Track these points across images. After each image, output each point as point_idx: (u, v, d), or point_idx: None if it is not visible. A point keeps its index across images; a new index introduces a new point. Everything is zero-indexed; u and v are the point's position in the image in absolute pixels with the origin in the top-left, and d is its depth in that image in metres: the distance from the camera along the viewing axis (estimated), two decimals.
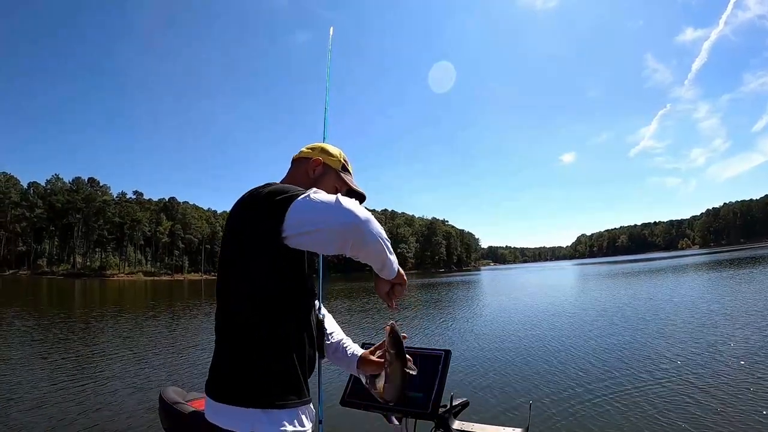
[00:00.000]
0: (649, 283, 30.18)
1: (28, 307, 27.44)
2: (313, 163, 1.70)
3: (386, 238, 1.33)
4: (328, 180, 1.72)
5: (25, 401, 7.56)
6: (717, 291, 21.18)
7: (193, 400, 1.81)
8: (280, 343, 1.42)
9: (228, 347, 1.44)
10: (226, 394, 1.39)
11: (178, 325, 18.86)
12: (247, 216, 1.40)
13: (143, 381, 8.94)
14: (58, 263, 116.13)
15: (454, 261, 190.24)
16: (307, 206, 1.27)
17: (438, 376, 1.97)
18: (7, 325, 18.47)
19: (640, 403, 6.40)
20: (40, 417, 6.75)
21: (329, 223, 1.24)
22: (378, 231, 1.28)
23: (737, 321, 12.21)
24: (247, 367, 1.39)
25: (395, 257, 1.44)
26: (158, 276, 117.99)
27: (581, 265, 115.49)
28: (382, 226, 1.31)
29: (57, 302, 33.70)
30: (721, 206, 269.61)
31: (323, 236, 1.26)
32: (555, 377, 8.11)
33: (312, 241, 1.28)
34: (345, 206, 1.24)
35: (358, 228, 1.25)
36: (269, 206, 1.32)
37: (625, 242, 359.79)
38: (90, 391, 8.17)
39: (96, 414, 6.87)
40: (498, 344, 11.58)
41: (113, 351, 12.37)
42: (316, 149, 1.77)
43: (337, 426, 5.40)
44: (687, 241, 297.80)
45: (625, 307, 17.29)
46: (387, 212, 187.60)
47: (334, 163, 1.74)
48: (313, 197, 1.27)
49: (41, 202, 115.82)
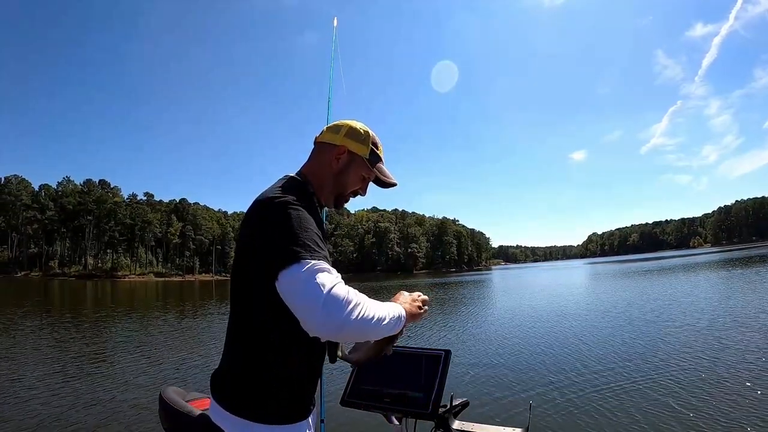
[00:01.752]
0: (657, 282, 29.70)
1: (36, 307, 27.54)
2: (337, 152, 1.58)
3: (377, 318, 1.27)
4: (354, 170, 1.60)
5: (26, 400, 7.56)
6: (727, 290, 20.68)
7: (193, 400, 1.78)
8: (290, 349, 1.39)
9: (236, 352, 1.42)
10: (232, 402, 1.37)
11: (183, 325, 18.81)
12: (250, 238, 1.37)
13: (144, 380, 8.91)
14: (70, 265, 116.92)
15: (465, 260, 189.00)
16: (296, 288, 1.21)
17: (438, 376, 1.94)
18: (14, 324, 18.53)
19: (642, 404, 6.37)
20: (40, 416, 6.75)
21: (309, 321, 1.18)
22: (364, 322, 1.22)
23: (746, 323, 11.87)
24: (254, 375, 1.38)
25: (394, 312, 1.38)
26: (169, 277, 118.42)
27: (592, 264, 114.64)
28: (373, 306, 1.27)
29: (65, 303, 33.77)
30: (733, 204, 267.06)
31: (304, 325, 1.20)
32: (555, 377, 8.08)
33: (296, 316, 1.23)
34: (328, 309, 1.16)
35: (336, 335, 1.21)
36: (267, 251, 1.29)
37: (637, 241, 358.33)
38: (89, 391, 8.16)
39: (95, 413, 6.85)
40: (498, 344, 11.56)
41: (115, 350, 12.42)
42: (340, 131, 1.60)
43: (337, 426, 5.42)
44: (699, 239, 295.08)
45: (630, 307, 17.03)
46: (398, 212, 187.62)
47: (361, 150, 1.59)
48: (304, 277, 1.20)
49: (53, 204, 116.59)
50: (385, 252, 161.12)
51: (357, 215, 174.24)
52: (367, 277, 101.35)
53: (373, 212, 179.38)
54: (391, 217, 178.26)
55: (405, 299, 1.54)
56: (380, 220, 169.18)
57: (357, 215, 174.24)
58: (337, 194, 1.63)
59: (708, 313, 14.02)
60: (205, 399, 1.76)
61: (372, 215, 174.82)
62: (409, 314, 1.46)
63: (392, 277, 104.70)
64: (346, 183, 1.61)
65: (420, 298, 1.60)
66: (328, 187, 1.60)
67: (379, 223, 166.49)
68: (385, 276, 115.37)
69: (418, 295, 1.61)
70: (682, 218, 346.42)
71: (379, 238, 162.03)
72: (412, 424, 2.05)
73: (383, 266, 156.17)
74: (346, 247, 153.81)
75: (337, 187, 1.61)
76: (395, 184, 1.69)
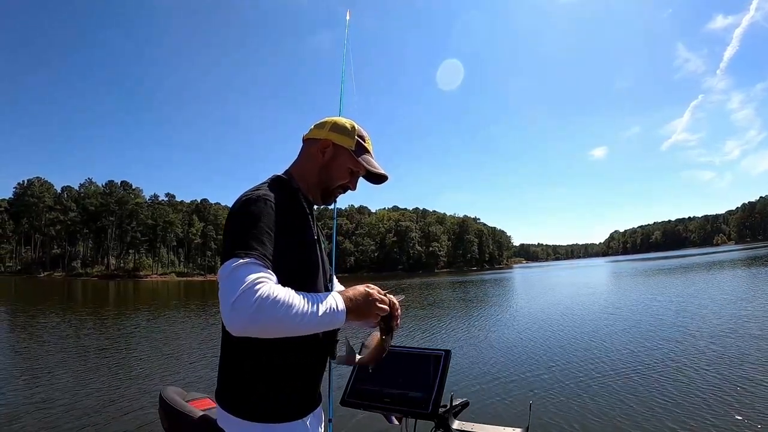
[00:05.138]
0: (674, 281, 28.94)
1: (52, 306, 27.57)
2: (322, 145, 1.57)
3: (300, 314, 1.19)
4: (340, 163, 1.58)
5: (25, 399, 7.52)
6: (749, 291, 19.49)
7: (193, 400, 1.79)
8: (288, 349, 1.38)
9: (235, 353, 1.41)
10: (235, 403, 1.37)
11: (196, 324, 18.70)
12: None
13: (144, 380, 8.86)
14: (92, 265, 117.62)
15: (486, 259, 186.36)
16: (220, 284, 1.19)
17: (438, 376, 1.96)
18: (28, 322, 18.90)
19: (642, 405, 6.32)
20: (39, 414, 6.70)
21: (223, 316, 1.16)
22: (278, 320, 1.16)
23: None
24: (228, 372, 1.39)
25: (326, 306, 1.27)
26: (191, 276, 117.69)
27: (614, 262, 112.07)
28: (297, 303, 1.19)
29: (86, 302, 33.85)
30: (757, 200, 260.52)
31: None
32: (556, 377, 8.05)
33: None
34: (236, 306, 1.12)
35: (243, 332, 1.16)
36: (222, 249, 1.30)
37: (659, 238, 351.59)
38: (89, 390, 8.08)
39: (95, 413, 6.75)
40: (499, 344, 11.58)
41: (117, 350, 12.26)
42: (325, 126, 1.61)
43: (338, 425, 4.27)
44: (722, 236, 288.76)
45: (639, 308, 16.59)
46: (418, 210, 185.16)
47: (346, 142, 1.58)
48: (226, 273, 1.18)
49: (75, 206, 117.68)
50: (407, 251, 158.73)
51: (378, 214, 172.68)
52: (388, 276, 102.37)
53: (394, 211, 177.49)
54: (412, 216, 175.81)
55: (357, 293, 1.39)
56: (401, 219, 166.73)
57: (378, 214, 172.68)
58: (323, 188, 1.62)
59: (726, 316, 13.18)
60: (205, 399, 1.79)
61: (393, 214, 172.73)
62: (353, 308, 1.35)
63: (414, 275, 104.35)
64: (332, 176, 1.59)
65: (383, 298, 1.45)
66: (314, 182, 1.60)
67: (400, 222, 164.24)
68: (407, 275, 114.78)
69: (383, 294, 1.46)
70: (705, 215, 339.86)
71: (400, 237, 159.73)
72: (412, 424, 2.06)
73: (404, 265, 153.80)
74: (367, 246, 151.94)
75: (323, 181, 1.60)
76: (385, 175, 1.65)
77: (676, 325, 12.30)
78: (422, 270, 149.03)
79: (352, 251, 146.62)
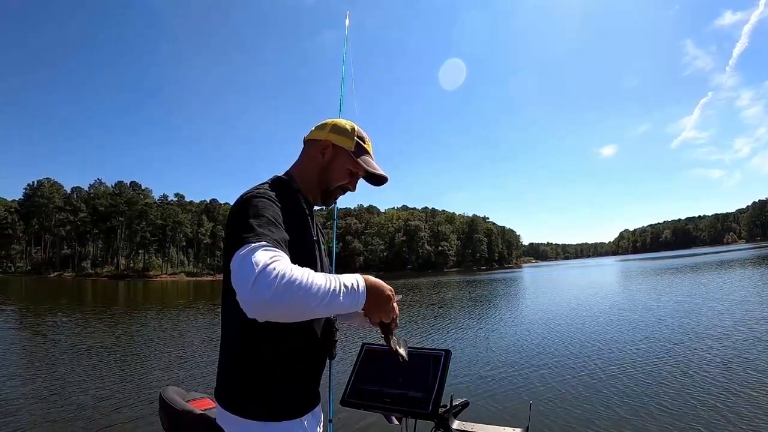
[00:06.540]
0: (682, 280, 28.70)
1: (60, 305, 27.71)
2: (322, 146, 1.59)
3: (321, 291, 1.11)
4: (339, 164, 1.60)
5: (25, 398, 7.50)
6: (759, 291, 18.98)
7: (193, 400, 1.78)
8: (288, 348, 1.39)
9: (234, 352, 1.41)
10: (233, 402, 1.36)
11: (201, 323, 18.66)
12: (225, 236, 1.35)
13: (144, 380, 8.84)
14: (102, 265, 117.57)
15: (496, 258, 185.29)
16: (234, 269, 1.12)
17: (438, 376, 1.95)
18: (35, 320, 19.12)
19: (643, 404, 6.34)
20: (38, 414, 6.69)
21: (240, 300, 1.07)
22: (300, 298, 1.07)
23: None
24: (252, 373, 1.37)
25: (346, 282, 1.20)
26: (200, 276, 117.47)
27: (623, 261, 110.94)
28: (317, 280, 1.12)
29: (95, 302, 33.78)
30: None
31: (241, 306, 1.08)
32: (556, 377, 8.05)
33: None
34: (257, 286, 1.04)
35: (266, 314, 1.07)
36: (227, 244, 1.27)
37: (669, 237, 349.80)
38: (89, 389, 8.09)
39: (94, 413, 6.73)
40: (499, 344, 11.53)
41: (118, 350, 12.21)
42: (325, 128, 1.62)
43: (338, 425, 5.24)
44: (733, 235, 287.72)
45: (642, 308, 16.39)
46: (428, 210, 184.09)
47: (346, 143, 1.59)
48: (242, 256, 1.12)
49: (85, 206, 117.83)
50: (416, 250, 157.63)
51: (387, 214, 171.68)
52: (397, 276, 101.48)
53: (403, 211, 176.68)
54: (422, 215, 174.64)
55: (378, 283, 1.32)
56: (410, 219, 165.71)
57: (387, 214, 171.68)
58: (323, 189, 1.62)
59: (734, 318, 12.68)
60: (205, 399, 1.78)
61: (402, 214, 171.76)
62: (372, 293, 1.27)
63: (423, 275, 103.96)
64: (331, 177, 1.60)
65: (395, 304, 1.42)
66: (314, 183, 1.61)
67: (409, 222, 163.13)
68: (416, 274, 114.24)
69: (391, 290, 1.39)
70: (715, 214, 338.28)
71: (409, 237, 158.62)
72: (412, 424, 2.06)
73: (414, 265, 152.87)
74: (376, 245, 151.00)
75: (323, 182, 1.61)
76: (385, 176, 1.65)
77: (681, 327, 12.02)
78: (431, 269, 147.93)
79: (362, 251, 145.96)
